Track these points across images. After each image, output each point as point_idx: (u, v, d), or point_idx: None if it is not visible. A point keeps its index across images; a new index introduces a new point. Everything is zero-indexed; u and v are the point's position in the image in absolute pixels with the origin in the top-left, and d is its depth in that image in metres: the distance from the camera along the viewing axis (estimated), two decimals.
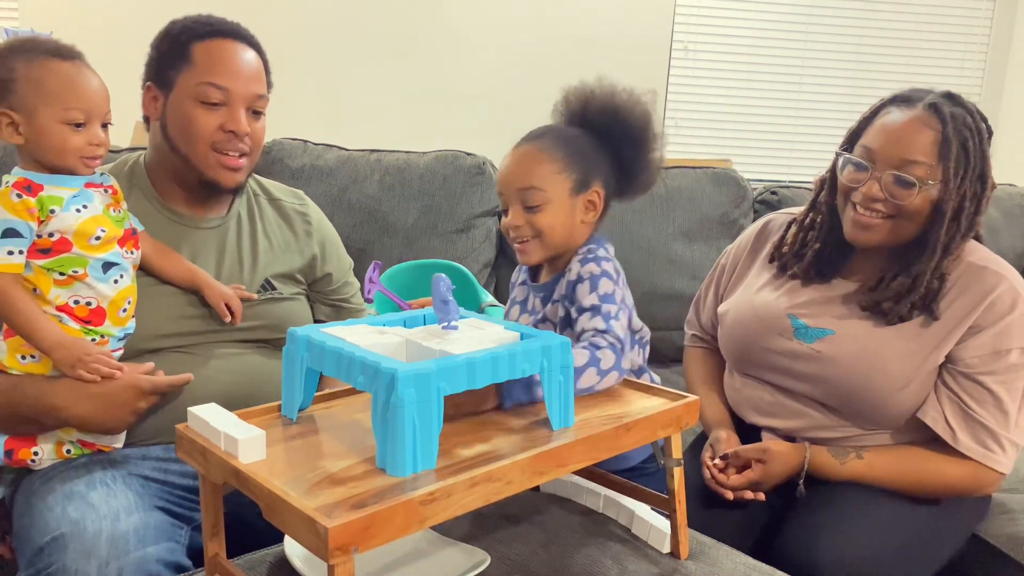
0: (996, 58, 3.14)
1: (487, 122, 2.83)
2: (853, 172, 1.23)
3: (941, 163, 1.16)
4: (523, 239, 1.10)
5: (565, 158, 1.09)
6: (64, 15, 2.64)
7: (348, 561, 0.62)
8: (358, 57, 2.83)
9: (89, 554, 0.94)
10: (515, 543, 0.94)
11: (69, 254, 1.07)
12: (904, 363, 1.20)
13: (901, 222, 1.20)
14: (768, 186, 2.24)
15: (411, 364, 0.72)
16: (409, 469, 0.71)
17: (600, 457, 0.83)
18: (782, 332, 1.30)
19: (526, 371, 0.80)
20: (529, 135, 1.13)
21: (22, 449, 1.10)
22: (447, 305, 0.85)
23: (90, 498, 1.02)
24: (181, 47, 1.22)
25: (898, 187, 1.17)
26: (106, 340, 1.12)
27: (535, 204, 1.07)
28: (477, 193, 1.98)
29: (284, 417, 0.86)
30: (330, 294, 1.44)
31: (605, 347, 0.97)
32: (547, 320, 1.12)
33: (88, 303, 1.09)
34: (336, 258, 1.46)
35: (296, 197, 1.46)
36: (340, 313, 1.46)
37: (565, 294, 1.08)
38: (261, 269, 1.33)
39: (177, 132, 1.23)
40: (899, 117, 1.19)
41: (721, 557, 0.97)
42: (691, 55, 3.03)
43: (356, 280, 1.51)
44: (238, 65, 1.23)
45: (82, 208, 1.08)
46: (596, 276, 1.05)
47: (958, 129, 1.16)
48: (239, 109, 1.23)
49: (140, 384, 1.09)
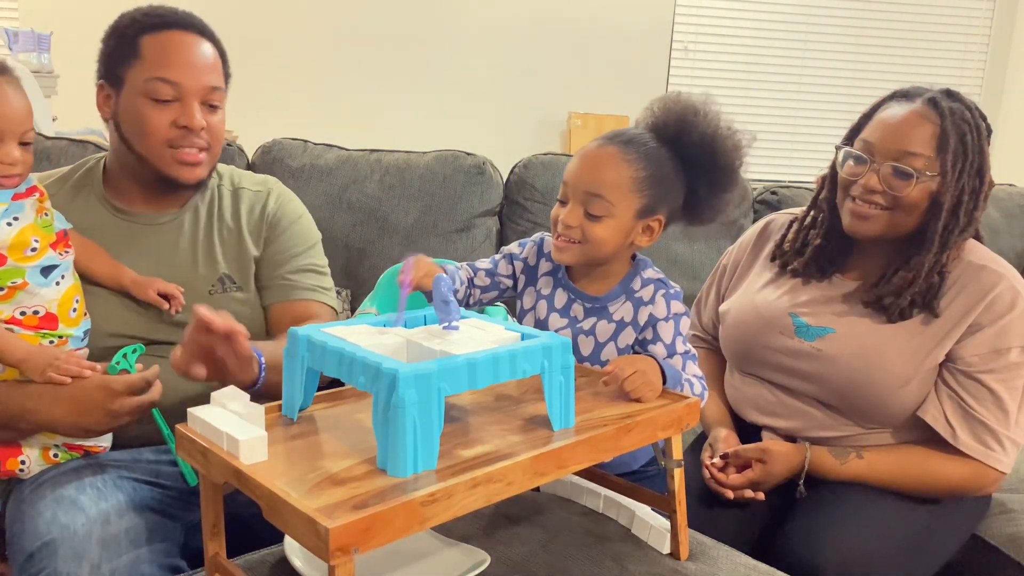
0: (996, 57, 3.14)
1: (487, 122, 2.83)
2: (852, 166, 1.23)
3: (939, 156, 1.16)
4: (569, 239, 1.05)
5: (646, 179, 1.04)
6: (64, 15, 2.64)
7: (348, 562, 0.62)
8: (358, 57, 2.83)
9: (80, 557, 0.93)
10: (515, 543, 0.94)
11: (4, 267, 1.03)
12: (905, 361, 1.20)
13: (899, 215, 1.20)
14: (768, 186, 2.23)
15: (412, 365, 0.71)
16: (410, 470, 0.71)
17: (601, 458, 0.83)
18: (783, 330, 1.30)
19: (527, 372, 0.80)
20: (618, 137, 1.07)
21: (8, 460, 1.09)
22: (448, 305, 0.85)
23: (80, 502, 1.01)
24: (129, 41, 1.18)
25: (896, 179, 1.17)
26: (65, 340, 1.09)
27: (597, 214, 1.03)
28: (477, 193, 1.98)
29: (284, 417, 0.86)
30: (271, 269, 1.32)
31: (700, 376, 1.05)
32: (592, 335, 1.08)
33: (35, 311, 1.06)
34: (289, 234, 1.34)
35: (261, 184, 1.38)
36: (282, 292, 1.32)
37: (635, 321, 1.06)
38: (218, 264, 1.28)
39: (131, 131, 1.19)
40: (898, 111, 1.20)
41: (721, 557, 0.97)
42: (691, 55, 3.04)
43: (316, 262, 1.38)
44: (189, 57, 1.18)
45: (13, 221, 1.04)
46: (679, 315, 1.07)
47: (956, 123, 1.16)
48: (192, 103, 1.18)
49: (111, 384, 1.05)
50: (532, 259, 1.16)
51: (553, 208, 1.09)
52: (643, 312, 1.06)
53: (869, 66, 3.09)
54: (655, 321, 1.05)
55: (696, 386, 1.03)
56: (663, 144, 1.06)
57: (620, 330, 1.07)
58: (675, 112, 1.07)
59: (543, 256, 1.15)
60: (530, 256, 1.16)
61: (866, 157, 1.21)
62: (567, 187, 1.06)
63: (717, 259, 1.96)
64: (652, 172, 1.04)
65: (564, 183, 1.07)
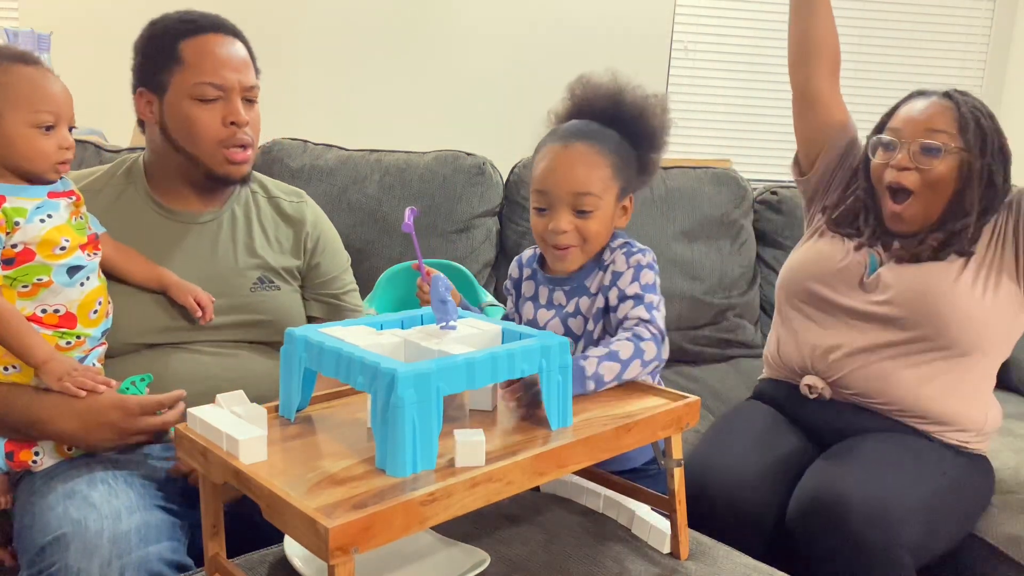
0: (996, 58, 3.14)
1: (487, 122, 2.83)
2: (883, 152, 1.35)
3: (961, 135, 1.28)
4: (567, 245, 1.07)
5: (616, 163, 1.07)
6: (64, 15, 2.64)
7: (348, 561, 0.62)
8: (359, 57, 2.82)
9: (91, 553, 0.94)
10: (515, 543, 0.94)
11: (32, 263, 1.04)
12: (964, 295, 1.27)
13: (929, 195, 1.30)
14: (768, 186, 2.24)
15: (411, 364, 0.71)
16: (409, 469, 0.71)
17: (600, 457, 0.83)
18: (842, 272, 1.37)
19: (525, 371, 0.81)
20: (577, 132, 1.09)
21: (23, 451, 1.10)
22: (445, 305, 0.85)
23: (91, 497, 1.02)
24: (168, 48, 1.22)
25: (924, 155, 1.29)
26: (82, 341, 1.10)
27: (588, 210, 1.05)
28: (477, 193, 1.98)
29: (283, 418, 0.86)
30: (320, 288, 1.42)
31: (648, 339, 0.98)
32: (579, 314, 1.10)
33: (56, 310, 1.07)
34: (331, 253, 1.45)
35: (295, 195, 1.45)
36: (333, 311, 1.44)
37: (608, 284, 1.07)
38: (256, 263, 1.33)
39: (180, 133, 1.23)
40: (918, 104, 1.34)
41: (721, 557, 0.97)
42: (691, 55, 3.03)
43: (352, 280, 1.50)
44: (228, 58, 1.23)
45: (46, 218, 1.06)
46: (641, 266, 1.06)
47: (971, 110, 1.30)
48: (236, 100, 1.23)
49: (126, 403, 1.07)
50: (516, 276, 1.22)
51: (532, 219, 1.10)
52: (608, 273, 1.08)
53: (869, 66, 3.09)
54: (617, 275, 1.07)
55: (607, 375, 0.95)
56: (608, 126, 1.11)
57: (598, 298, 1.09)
58: (601, 94, 1.12)
59: (523, 267, 1.20)
60: (514, 275, 1.22)
61: (896, 141, 1.32)
62: (546, 195, 1.08)
63: (717, 259, 1.98)
64: (620, 156, 1.09)
65: (541, 192, 1.08)
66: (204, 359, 1.24)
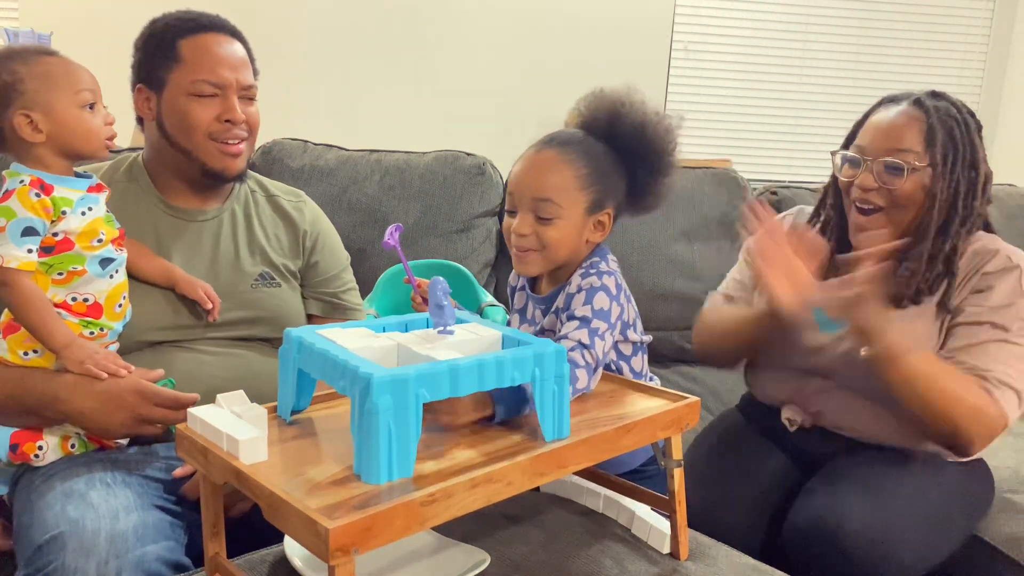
0: (996, 58, 3.13)
1: (487, 122, 2.83)
2: (849, 169, 1.29)
3: (928, 150, 1.21)
4: (526, 248, 1.07)
5: (588, 176, 1.05)
6: (64, 15, 2.64)
7: (349, 562, 0.62)
8: (358, 57, 2.82)
9: (88, 553, 0.94)
10: (515, 543, 0.95)
11: (70, 252, 1.08)
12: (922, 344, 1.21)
13: (896, 213, 1.24)
14: (768, 186, 2.23)
15: (388, 369, 0.69)
16: (384, 477, 0.69)
17: (600, 458, 0.83)
18: None
19: (516, 379, 0.77)
20: (554, 140, 1.09)
21: (27, 443, 1.11)
22: (442, 309, 0.84)
23: (89, 497, 1.02)
24: (167, 46, 1.24)
25: (888, 174, 1.23)
26: (105, 333, 1.13)
27: (547, 216, 1.04)
28: (477, 193, 1.97)
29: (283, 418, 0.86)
30: (319, 286, 1.43)
31: (583, 366, 0.95)
32: (546, 332, 1.10)
33: (85, 299, 1.11)
34: (330, 251, 1.46)
35: (293, 195, 1.46)
36: (332, 309, 1.44)
37: (563, 306, 1.06)
38: (257, 260, 1.34)
39: (175, 128, 1.25)
40: (886, 115, 1.27)
41: (721, 557, 0.97)
42: (691, 55, 3.03)
43: (352, 279, 1.51)
44: (226, 57, 1.25)
45: (87, 211, 1.10)
46: (594, 288, 1.02)
47: (942, 119, 1.22)
48: (233, 98, 1.25)
49: (144, 389, 1.09)
50: (513, 284, 1.23)
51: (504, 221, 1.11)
52: (563, 295, 1.07)
53: (869, 66, 3.08)
54: (570, 297, 1.05)
55: None
56: (598, 139, 1.09)
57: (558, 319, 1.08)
58: (603, 107, 1.10)
59: (519, 278, 1.21)
60: (512, 284, 1.23)
61: (860, 159, 1.27)
62: (513, 197, 1.09)
63: (717, 259, 1.95)
64: (593, 168, 1.06)
65: (510, 193, 1.10)
66: (206, 358, 1.24)
